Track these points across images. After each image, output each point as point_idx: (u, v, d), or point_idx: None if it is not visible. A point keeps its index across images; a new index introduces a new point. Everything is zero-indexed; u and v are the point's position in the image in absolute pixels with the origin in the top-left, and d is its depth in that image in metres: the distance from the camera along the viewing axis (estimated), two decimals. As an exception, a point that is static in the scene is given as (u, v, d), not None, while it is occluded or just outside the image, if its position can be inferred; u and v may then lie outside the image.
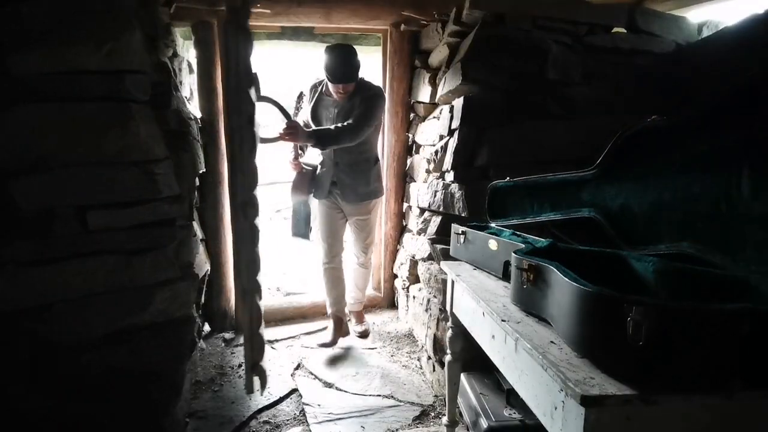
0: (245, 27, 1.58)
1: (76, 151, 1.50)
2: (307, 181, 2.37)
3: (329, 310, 2.58)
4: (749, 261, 0.92)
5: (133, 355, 1.60)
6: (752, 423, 0.75)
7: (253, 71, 1.93)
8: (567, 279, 0.86)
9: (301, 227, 2.49)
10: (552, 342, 0.92)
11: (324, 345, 2.48)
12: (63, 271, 1.52)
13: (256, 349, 1.78)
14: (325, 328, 2.66)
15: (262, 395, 1.99)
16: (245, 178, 1.66)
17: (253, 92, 1.67)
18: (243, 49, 1.60)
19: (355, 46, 3.00)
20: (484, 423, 1.54)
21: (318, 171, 2.40)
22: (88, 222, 1.53)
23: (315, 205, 2.50)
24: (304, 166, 2.39)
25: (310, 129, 2.18)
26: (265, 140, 1.99)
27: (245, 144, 1.64)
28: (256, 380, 1.80)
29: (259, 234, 1.71)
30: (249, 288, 1.72)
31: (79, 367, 1.54)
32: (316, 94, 2.34)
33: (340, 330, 2.55)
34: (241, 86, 1.60)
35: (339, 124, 2.14)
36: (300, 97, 2.41)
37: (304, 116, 2.40)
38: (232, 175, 1.69)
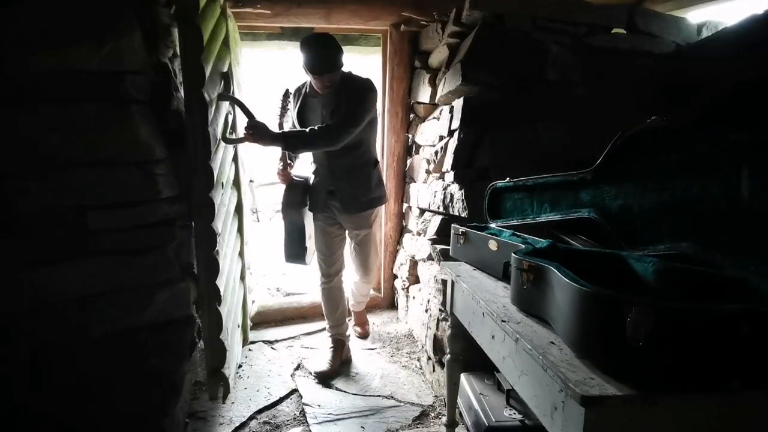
0: (194, 23, 1.56)
1: (76, 152, 1.50)
2: (299, 194, 2.13)
3: (329, 333, 2.38)
4: (748, 261, 0.92)
5: (132, 356, 1.60)
6: (752, 423, 0.75)
7: (223, 71, 1.92)
8: (566, 279, 0.86)
9: (296, 249, 2.17)
10: (552, 342, 0.92)
11: (321, 374, 2.20)
12: (63, 272, 1.52)
13: (216, 355, 1.78)
14: (324, 329, 2.66)
15: (223, 403, 1.96)
16: (201, 179, 1.65)
17: (209, 91, 1.65)
18: (191, 46, 1.58)
19: (354, 47, 3.01)
20: (484, 423, 1.54)
21: (311, 181, 2.18)
22: (88, 222, 1.53)
23: (309, 220, 2.21)
24: (294, 177, 2.16)
25: (279, 131, 1.95)
26: (230, 141, 1.93)
27: (199, 145, 1.63)
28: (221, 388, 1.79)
29: (216, 237, 1.69)
30: (206, 292, 1.72)
31: (78, 368, 1.54)
32: (301, 97, 2.10)
33: (341, 354, 2.34)
34: (192, 85, 1.59)
35: (316, 126, 1.89)
36: (286, 95, 2.11)
37: (290, 121, 2.17)
38: (190, 176, 1.67)
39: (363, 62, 2.94)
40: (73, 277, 1.53)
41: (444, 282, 2.02)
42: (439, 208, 2.24)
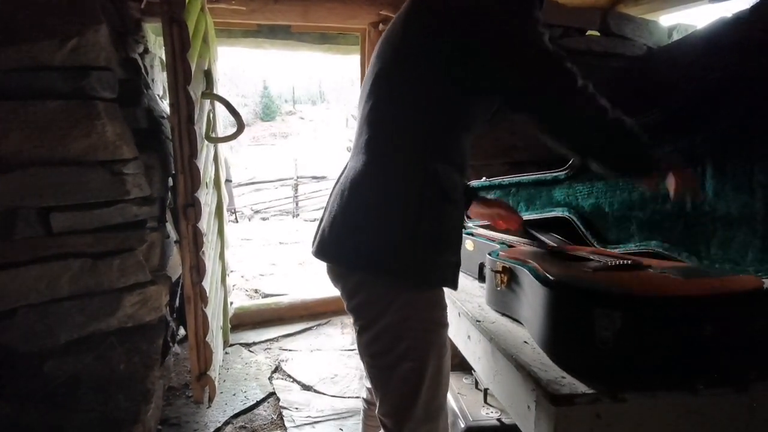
0: (180, 18, 1.53)
1: (38, 151, 1.43)
2: None
3: None
4: (714, 259, 0.94)
5: (99, 362, 1.55)
6: (715, 418, 0.76)
7: (204, 68, 1.88)
8: (537, 281, 0.86)
9: None
10: (525, 342, 0.92)
11: None
12: (26, 276, 1.45)
13: (202, 358, 1.75)
14: (304, 330, 2.61)
15: (209, 407, 1.93)
16: (186, 178, 1.62)
17: (194, 89, 1.62)
18: (178, 44, 1.55)
19: (333, 45, 2.98)
20: (461, 423, 1.54)
21: None
22: (52, 224, 1.47)
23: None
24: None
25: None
26: (213, 139, 1.90)
27: (185, 143, 1.60)
28: (206, 391, 1.76)
29: (203, 237, 1.66)
30: (193, 294, 1.68)
31: (42, 375, 1.48)
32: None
33: None
34: (179, 83, 1.56)
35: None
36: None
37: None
38: (175, 175, 1.65)
39: (343, 61, 2.92)
40: (36, 282, 1.46)
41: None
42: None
